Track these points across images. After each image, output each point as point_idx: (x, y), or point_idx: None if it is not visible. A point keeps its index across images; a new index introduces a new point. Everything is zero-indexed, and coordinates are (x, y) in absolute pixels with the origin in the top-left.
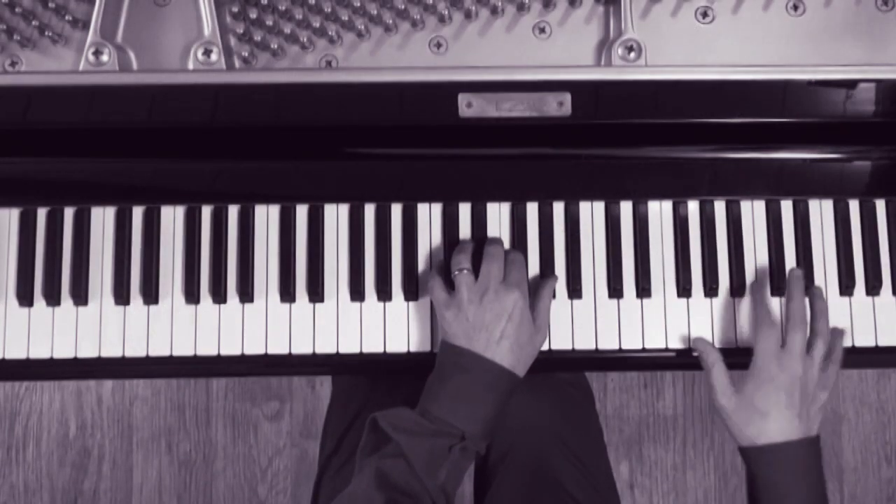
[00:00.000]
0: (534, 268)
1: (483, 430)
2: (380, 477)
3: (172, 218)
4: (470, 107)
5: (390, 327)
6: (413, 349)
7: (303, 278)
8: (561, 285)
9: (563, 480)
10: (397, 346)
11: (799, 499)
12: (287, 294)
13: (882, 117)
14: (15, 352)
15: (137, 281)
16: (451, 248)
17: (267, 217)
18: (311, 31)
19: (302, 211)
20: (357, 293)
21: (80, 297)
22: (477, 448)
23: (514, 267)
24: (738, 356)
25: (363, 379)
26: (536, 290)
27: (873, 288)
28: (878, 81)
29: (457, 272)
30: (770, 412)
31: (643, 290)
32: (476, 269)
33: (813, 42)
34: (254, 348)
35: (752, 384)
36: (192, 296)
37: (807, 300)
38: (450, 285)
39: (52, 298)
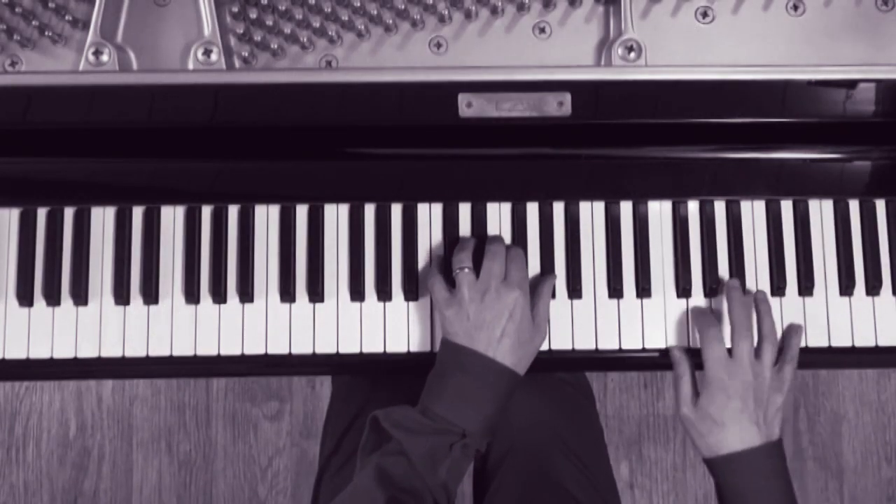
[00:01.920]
0: (534, 268)
1: (484, 428)
2: (381, 474)
3: (172, 218)
4: (470, 107)
5: (390, 327)
6: (413, 349)
7: (303, 278)
8: (561, 285)
9: (564, 480)
10: (397, 346)
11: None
12: (287, 294)
13: (882, 117)
14: (15, 352)
15: (137, 281)
16: (452, 248)
17: (267, 217)
18: (311, 31)
19: (302, 211)
20: (357, 293)
21: (80, 297)
22: (478, 446)
23: (514, 265)
24: None
25: (363, 379)
26: (536, 288)
27: (873, 288)
28: (878, 81)
29: (458, 270)
30: (726, 422)
31: (643, 290)
32: (477, 267)
33: (813, 42)
34: (254, 348)
35: (706, 395)
36: (192, 296)
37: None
38: (450, 283)
39: (52, 298)
